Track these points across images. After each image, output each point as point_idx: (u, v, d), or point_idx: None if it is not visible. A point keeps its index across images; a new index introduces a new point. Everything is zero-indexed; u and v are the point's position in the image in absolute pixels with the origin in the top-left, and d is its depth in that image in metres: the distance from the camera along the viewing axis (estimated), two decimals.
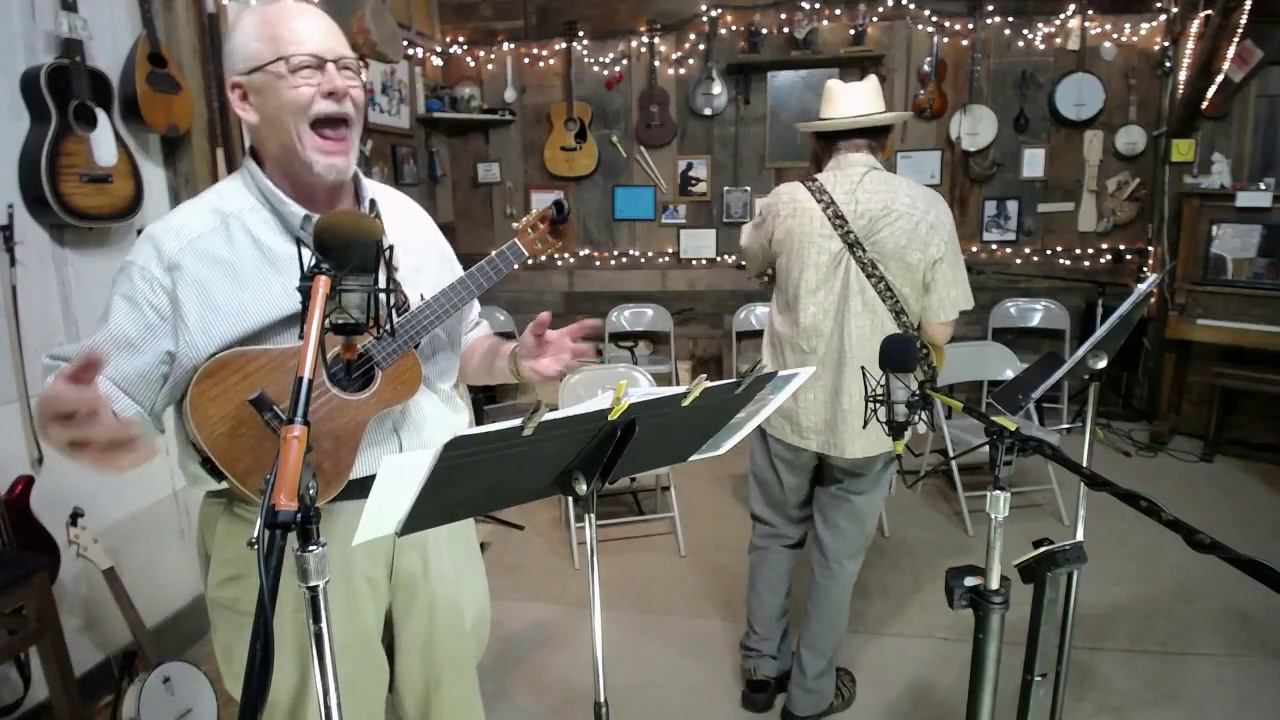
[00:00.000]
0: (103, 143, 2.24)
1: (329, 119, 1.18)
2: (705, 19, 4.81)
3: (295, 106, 1.15)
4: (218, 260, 1.18)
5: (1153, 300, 4.44)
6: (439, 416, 1.38)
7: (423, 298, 1.29)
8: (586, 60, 5.00)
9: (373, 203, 1.32)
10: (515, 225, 1.36)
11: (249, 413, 1.13)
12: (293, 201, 1.22)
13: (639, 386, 2.44)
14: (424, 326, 1.25)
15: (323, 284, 0.87)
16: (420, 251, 1.40)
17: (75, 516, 2.13)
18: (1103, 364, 1.72)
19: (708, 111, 4.96)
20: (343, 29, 1.25)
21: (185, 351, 1.17)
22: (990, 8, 4.58)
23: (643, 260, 5.24)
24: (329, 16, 1.22)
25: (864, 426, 1.87)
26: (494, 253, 1.31)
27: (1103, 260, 4.80)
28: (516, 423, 0.87)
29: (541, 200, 5.23)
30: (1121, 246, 4.76)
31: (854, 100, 2.09)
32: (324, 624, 0.79)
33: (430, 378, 1.37)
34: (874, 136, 2.11)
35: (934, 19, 4.65)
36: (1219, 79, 4.22)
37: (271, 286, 1.19)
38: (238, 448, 1.14)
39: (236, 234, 1.20)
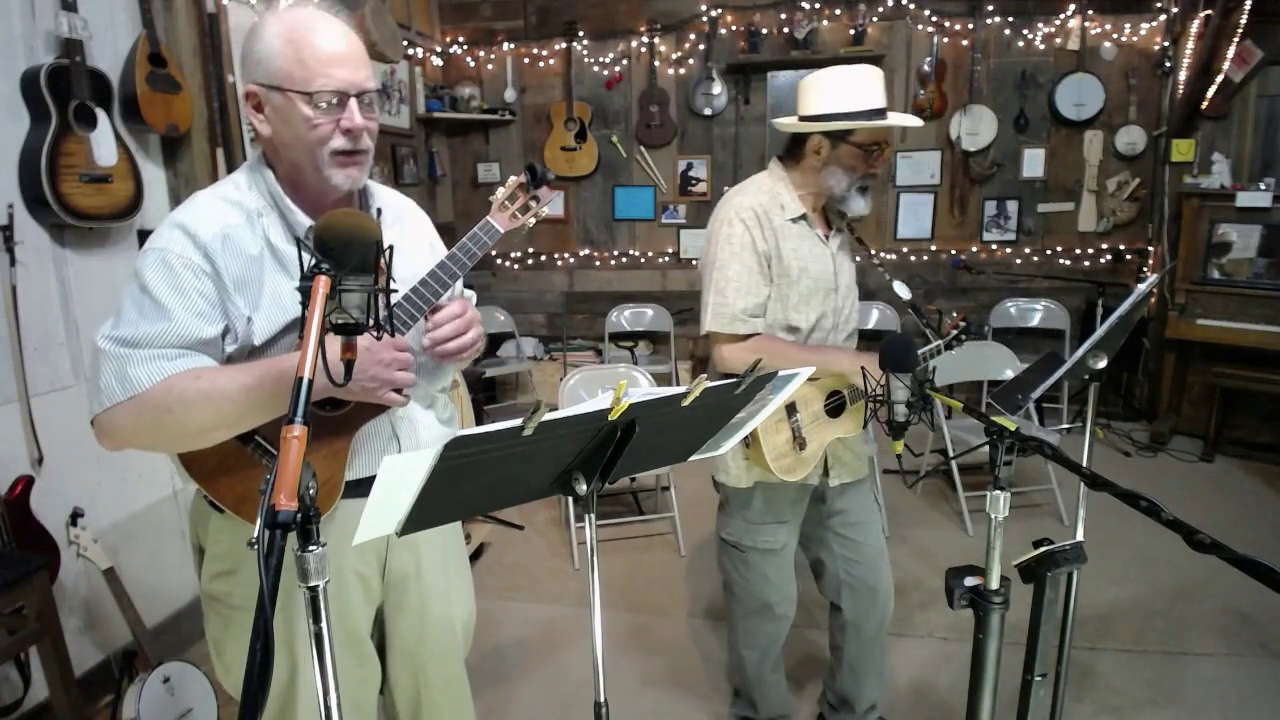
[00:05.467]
0: (103, 143, 2.24)
1: (345, 150, 1.19)
2: (705, 19, 4.81)
3: (313, 140, 1.16)
4: (248, 256, 1.19)
5: (1153, 300, 4.44)
6: (432, 420, 1.39)
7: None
8: (586, 60, 5.00)
9: (379, 211, 1.33)
10: (491, 199, 1.34)
11: (233, 446, 1.17)
12: (300, 211, 1.23)
13: (639, 386, 2.44)
14: (401, 323, 1.25)
15: (323, 284, 0.87)
16: (418, 257, 1.39)
17: (75, 516, 2.14)
18: (1102, 364, 1.72)
19: (708, 111, 4.96)
20: None
21: (245, 332, 1.18)
22: (990, 8, 4.58)
23: (643, 260, 5.24)
24: (351, 30, 1.20)
25: (864, 426, 1.87)
26: (467, 235, 1.29)
27: (1103, 260, 4.80)
28: (516, 423, 0.87)
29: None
30: (1121, 246, 4.77)
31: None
32: (324, 624, 0.79)
33: (429, 381, 1.37)
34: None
35: (934, 19, 4.65)
36: (1219, 79, 4.22)
37: (282, 291, 1.20)
38: (229, 480, 1.19)
39: (259, 232, 1.21)
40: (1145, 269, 4.73)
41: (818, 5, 4.68)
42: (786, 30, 4.73)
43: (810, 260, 1.85)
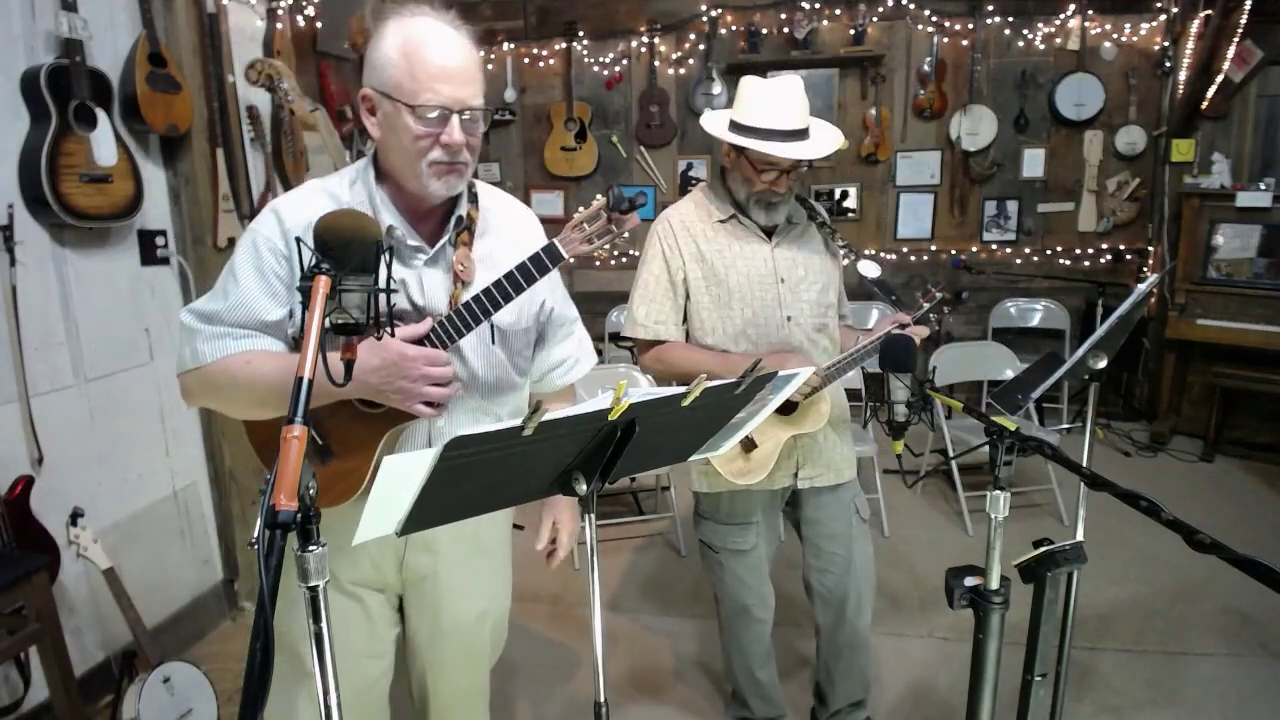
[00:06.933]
0: (103, 143, 2.24)
1: (444, 161, 1.22)
2: (705, 19, 4.81)
3: (414, 152, 1.20)
4: None
5: (1153, 300, 4.44)
6: None
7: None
8: (586, 60, 4.99)
9: (461, 218, 1.32)
10: (571, 220, 1.32)
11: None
12: (391, 210, 1.26)
13: (639, 386, 2.43)
14: (449, 335, 1.24)
15: (323, 284, 0.87)
16: (504, 268, 1.29)
17: (75, 516, 2.14)
18: (1102, 364, 1.72)
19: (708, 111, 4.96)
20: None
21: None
22: (990, 8, 4.57)
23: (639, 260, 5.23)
24: (469, 45, 1.23)
25: (864, 426, 1.87)
26: (529, 256, 1.23)
27: (1103, 260, 4.80)
28: (517, 423, 0.87)
29: (542, 201, 5.22)
30: (1121, 246, 4.76)
31: None
32: (324, 624, 0.79)
33: (484, 395, 1.37)
34: None
35: (934, 19, 4.64)
36: (1219, 79, 4.22)
37: None
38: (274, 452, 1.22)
39: None
40: (1145, 269, 4.73)
41: (818, 5, 4.68)
42: (786, 30, 4.73)
43: (739, 258, 1.88)
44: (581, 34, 4.93)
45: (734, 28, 4.81)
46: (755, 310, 1.87)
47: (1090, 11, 4.50)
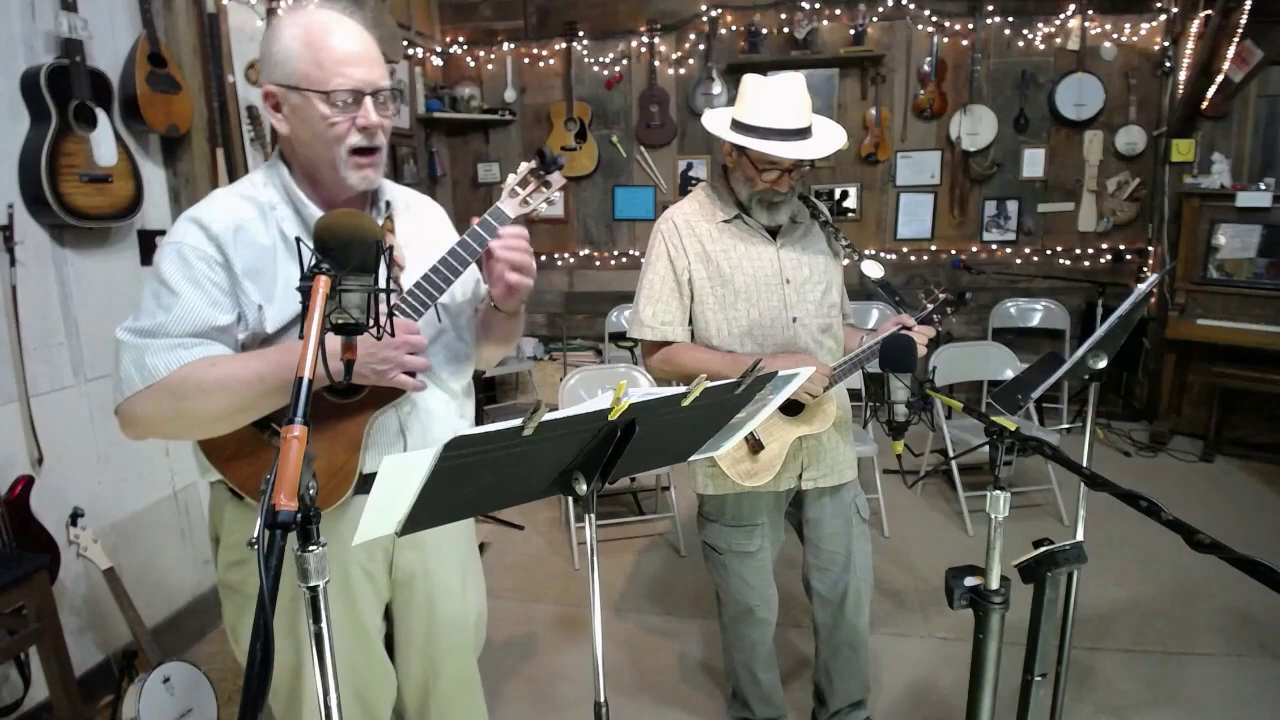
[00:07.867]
0: (103, 143, 2.24)
1: (362, 147, 1.22)
2: (705, 19, 4.81)
3: (331, 138, 1.20)
4: (259, 247, 1.22)
5: (1153, 300, 4.44)
6: (447, 416, 1.39)
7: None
8: (586, 60, 5.00)
9: (388, 204, 1.35)
10: (501, 185, 1.35)
11: (250, 432, 1.20)
12: (313, 204, 1.26)
13: (639, 386, 2.44)
14: (413, 310, 1.25)
15: (323, 284, 0.87)
16: (433, 246, 1.37)
17: (75, 516, 2.14)
18: (1103, 364, 1.72)
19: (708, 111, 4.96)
20: None
21: (256, 319, 1.21)
22: (990, 8, 4.57)
23: (643, 260, 5.23)
24: (366, 31, 1.24)
25: (864, 426, 1.86)
26: (477, 220, 1.28)
27: (1103, 260, 4.80)
28: (516, 423, 0.87)
29: None
30: (1121, 246, 4.77)
31: None
32: (324, 624, 0.79)
33: (441, 375, 1.38)
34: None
35: (934, 19, 4.65)
36: (1219, 79, 4.22)
37: (294, 280, 1.22)
38: (246, 466, 1.22)
39: (272, 226, 1.24)
40: (1145, 269, 4.73)
41: (818, 5, 4.68)
42: (786, 30, 4.73)
43: (745, 258, 1.87)
44: (581, 34, 4.93)
45: (734, 28, 4.81)
46: (761, 312, 1.87)
47: (1090, 11, 4.50)
